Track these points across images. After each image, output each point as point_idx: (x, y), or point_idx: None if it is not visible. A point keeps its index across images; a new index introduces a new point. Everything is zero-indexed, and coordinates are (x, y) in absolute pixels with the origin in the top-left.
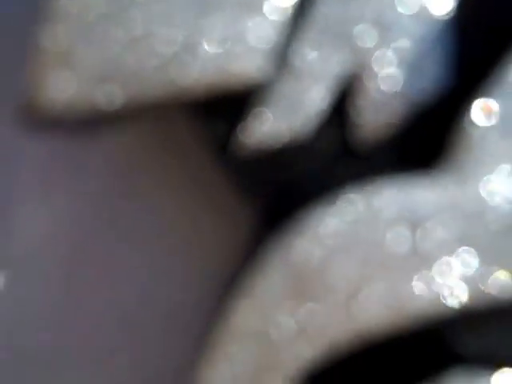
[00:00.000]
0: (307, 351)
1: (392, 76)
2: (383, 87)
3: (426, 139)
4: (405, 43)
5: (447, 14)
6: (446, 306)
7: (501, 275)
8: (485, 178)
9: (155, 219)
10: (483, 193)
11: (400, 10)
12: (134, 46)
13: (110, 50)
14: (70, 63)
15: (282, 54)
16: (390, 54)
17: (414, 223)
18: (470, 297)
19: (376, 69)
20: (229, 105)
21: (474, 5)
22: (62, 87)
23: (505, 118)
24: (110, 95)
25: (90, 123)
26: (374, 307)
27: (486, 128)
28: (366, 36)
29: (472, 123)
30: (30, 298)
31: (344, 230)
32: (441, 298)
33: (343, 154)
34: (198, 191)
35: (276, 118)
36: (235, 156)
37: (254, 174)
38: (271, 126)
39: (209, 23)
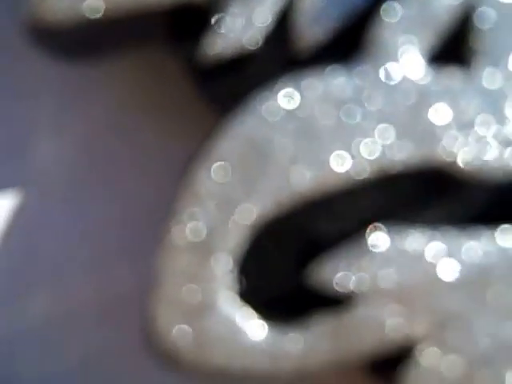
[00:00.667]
0: (255, 210)
1: None
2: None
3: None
4: None
5: None
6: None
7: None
8: (389, 64)
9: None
10: (392, 75)
11: None
12: None
13: None
14: None
15: None
16: None
17: (338, 103)
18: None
19: None
20: (193, 21)
21: None
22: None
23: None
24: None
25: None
26: (307, 174)
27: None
28: None
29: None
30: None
31: (283, 112)
32: (358, 168)
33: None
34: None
35: (230, 32)
36: (199, 66)
37: (216, 83)
38: (226, 38)
39: None
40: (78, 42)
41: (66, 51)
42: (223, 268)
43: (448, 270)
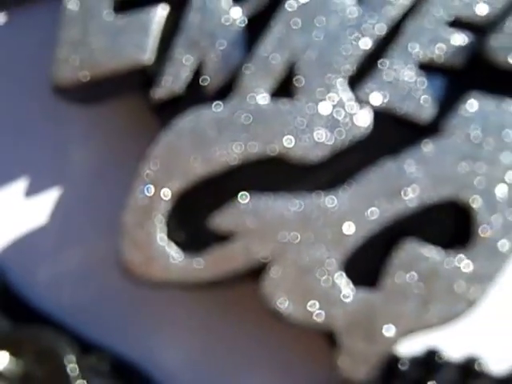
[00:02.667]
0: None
1: None
2: None
3: None
4: None
5: None
6: None
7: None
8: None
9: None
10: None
11: None
12: None
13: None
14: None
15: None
16: None
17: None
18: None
19: None
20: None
21: None
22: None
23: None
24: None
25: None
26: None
27: None
28: None
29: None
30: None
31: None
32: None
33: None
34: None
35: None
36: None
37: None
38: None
39: None
40: (81, 95)
41: (75, 100)
42: (160, 220)
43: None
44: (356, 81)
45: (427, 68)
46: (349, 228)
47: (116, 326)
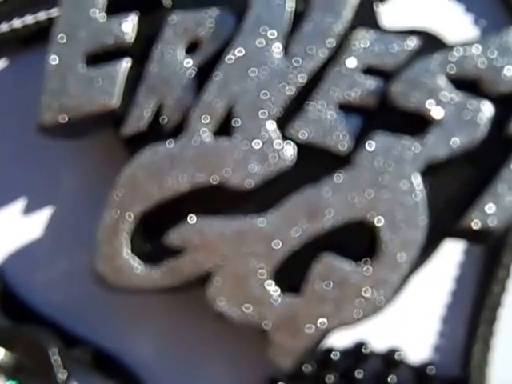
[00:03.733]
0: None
1: None
2: None
3: None
4: None
5: None
6: None
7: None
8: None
9: None
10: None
11: None
12: None
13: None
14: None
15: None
16: None
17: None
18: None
19: None
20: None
21: None
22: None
23: None
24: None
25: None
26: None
27: None
28: None
29: None
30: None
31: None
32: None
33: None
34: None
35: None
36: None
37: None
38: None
39: None
40: (62, 132)
41: (58, 137)
42: (125, 237)
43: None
44: (286, 120)
45: (346, 108)
46: (277, 244)
47: (98, 323)
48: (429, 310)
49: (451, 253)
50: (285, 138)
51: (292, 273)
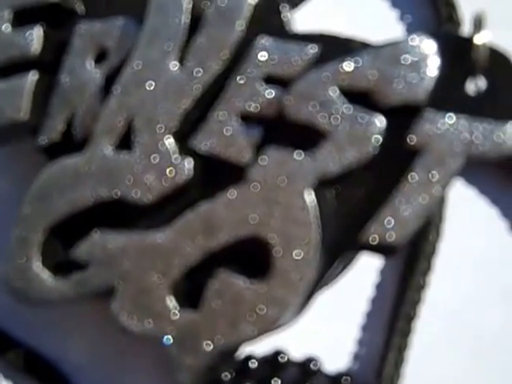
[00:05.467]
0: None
1: None
2: None
3: None
4: None
5: None
6: None
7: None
8: None
9: None
10: None
11: None
12: None
13: None
14: None
15: None
16: None
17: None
18: None
19: None
20: None
21: None
22: None
23: None
24: None
25: None
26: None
27: None
28: None
29: None
30: None
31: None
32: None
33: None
34: None
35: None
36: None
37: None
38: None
39: None
40: None
41: None
42: (36, 250)
43: None
44: (186, 133)
45: (247, 118)
46: (175, 260)
47: (33, 327)
48: (348, 317)
49: (371, 259)
50: (186, 150)
51: (191, 289)
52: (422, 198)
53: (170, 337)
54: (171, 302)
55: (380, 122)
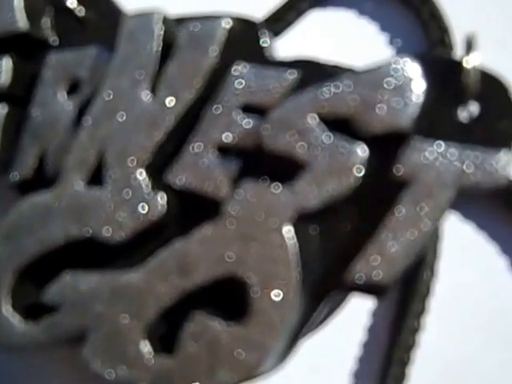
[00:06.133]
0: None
1: None
2: None
3: None
4: None
5: None
6: None
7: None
8: None
9: None
10: None
11: None
12: None
13: None
14: None
15: None
16: None
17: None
18: None
19: None
20: None
21: None
22: None
23: None
24: None
25: None
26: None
27: None
28: None
29: None
30: None
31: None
32: None
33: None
34: None
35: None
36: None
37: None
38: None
39: None
40: None
41: None
42: (5, 293)
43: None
44: (160, 166)
45: (224, 150)
46: (148, 301)
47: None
48: (337, 363)
49: (362, 301)
50: (160, 185)
51: (166, 332)
52: (410, 234)
53: None
54: (146, 347)
55: (362, 151)
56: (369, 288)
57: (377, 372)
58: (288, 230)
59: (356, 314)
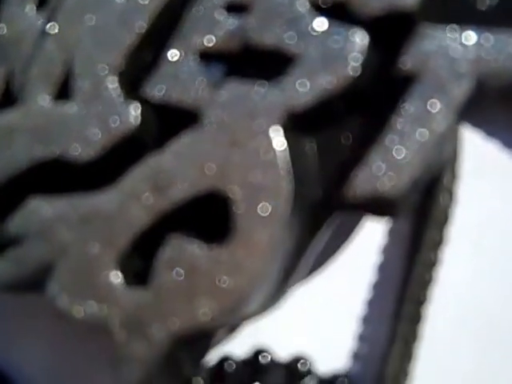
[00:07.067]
0: None
1: None
2: None
3: None
4: None
5: None
6: None
7: None
8: None
9: None
10: None
11: None
12: None
13: None
14: None
15: None
16: None
17: None
18: None
19: None
20: None
21: None
22: None
23: None
24: None
25: None
26: None
27: None
28: None
29: None
30: None
31: None
32: None
33: None
34: None
35: None
36: None
37: None
38: None
39: None
40: None
41: None
42: None
43: None
44: (135, 77)
45: (207, 56)
46: (121, 226)
47: None
48: (344, 306)
49: (371, 233)
50: (136, 98)
51: (140, 263)
52: (419, 135)
53: None
54: (117, 278)
55: (360, 38)
56: (374, 204)
57: (389, 314)
58: (277, 134)
59: (364, 252)
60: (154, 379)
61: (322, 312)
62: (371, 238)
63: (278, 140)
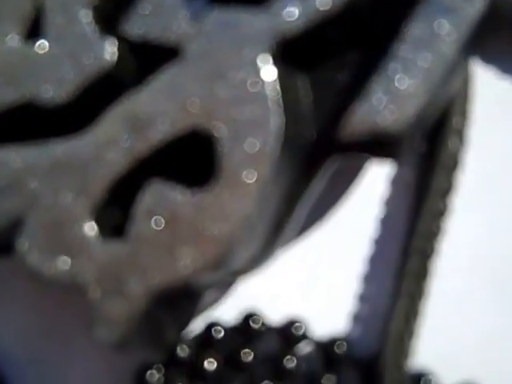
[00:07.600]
0: None
1: None
2: None
3: None
4: None
5: None
6: None
7: None
8: None
9: None
10: None
11: None
12: None
13: None
14: None
15: None
16: None
17: None
18: None
19: None
20: None
21: None
22: None
23: None
24: None
25: None
26: None
27: None
28: None
29: None
30: None
31: None
32: None
33: None
34: None
35: None
36: None
37: None
38: None
39: None
40: None
41: None
42: None
43: None
44: (111, 13)
45: None
46: (95, 173)
47: None
48: (344, 263)
49: (373, 182)
50: (112, 33)
51: (117, 210)
52: (423, 59)
53: None
54: (92, 230)
55: None
56: (374, 142)
57: (393, 272)
58: (265, 60)
59: (365, 203)
60: (133, 341)
61: (317, 270)
62: (373, 187)
63: (267, 70)
